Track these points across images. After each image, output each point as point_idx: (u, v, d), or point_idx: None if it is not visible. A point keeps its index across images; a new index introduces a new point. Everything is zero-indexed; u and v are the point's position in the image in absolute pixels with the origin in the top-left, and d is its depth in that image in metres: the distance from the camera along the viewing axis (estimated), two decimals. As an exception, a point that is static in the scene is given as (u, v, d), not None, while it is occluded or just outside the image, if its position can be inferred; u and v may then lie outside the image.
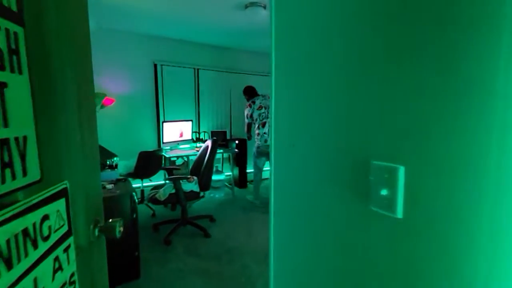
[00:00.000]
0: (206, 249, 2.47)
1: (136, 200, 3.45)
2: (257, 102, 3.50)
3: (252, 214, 3.29)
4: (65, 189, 0.51)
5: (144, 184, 3.70)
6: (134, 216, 1.95)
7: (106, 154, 2.84)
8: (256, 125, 3.50)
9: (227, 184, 4.29)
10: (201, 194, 2.78)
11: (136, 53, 3.66)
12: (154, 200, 2.55)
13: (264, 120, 3.46)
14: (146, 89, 3.79)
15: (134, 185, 3.75)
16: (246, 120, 3.59)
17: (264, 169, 3.71)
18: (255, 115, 3.47)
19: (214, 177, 3.78)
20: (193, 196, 2.69)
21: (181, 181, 2.56)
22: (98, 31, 3.36)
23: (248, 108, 3.51)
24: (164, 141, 3.64)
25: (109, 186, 2.01)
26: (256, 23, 3.18)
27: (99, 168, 0.69)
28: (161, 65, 3.81)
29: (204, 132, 4.24)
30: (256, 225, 2.97)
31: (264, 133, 3.47)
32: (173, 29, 3.48)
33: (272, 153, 0.98)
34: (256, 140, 3.56)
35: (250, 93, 3.66)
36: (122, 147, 3.58)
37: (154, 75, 3.81)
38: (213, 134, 4.23)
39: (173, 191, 2.57)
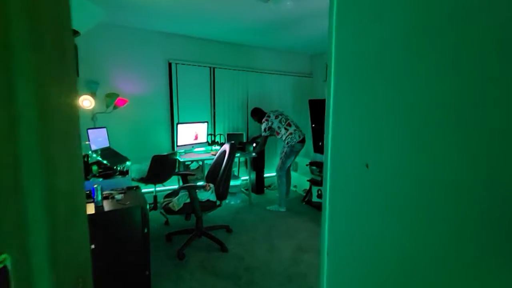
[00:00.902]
0: (222, 265, 2.23)
1: (148, 208, 3.27)
2: (271, 114, 3.53)
3: (271, 224, 3.03)
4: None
5: (157, 189, 3.51)
6: (146, 230, 1.73)
7: (118, 158, 2.67)
8: (282, 128, 3.46)
9: (243, 190, 4.05)
10: (218, 203, 2.55)
11: (150, 51, 3.48)
12: (167, 210, 2.34)
13: (288, 121, 3.49)
14: (160, 89, 3.61)
15: (147, 190, 3.60)
16: (264, 134, 3.55)
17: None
18: (275, 126, 3.47)
19: (231, 182, 3.55)
20: (210, 205, 2.46)
21: (197, 190, 2.34)
22: (110, 28, 3.20)
23: (266, 122, 3.48)
24: (178, 144, 3.44)
25: (118, 196, 1.80)
26: (279, 17, 2.92)
27: (85, 210, 0.45)
28: (176, 63, 3.62)
29: (220, 134, 4.02)
30: (277, 238, 2.70)
31: (295, 130, 3.45)
32: (189, 26, 3.28)
33: (328, 174, 0.72)
34: (286, 140, 3.44)
35: (260, 112, 3.70)
36: (134, 150, 3.41)
37: (169, 74, 3.62)
38: (229, 136, 4.01)
39: (188, 200, 2.35)
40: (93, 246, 1.44)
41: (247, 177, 4.11)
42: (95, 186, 1.65)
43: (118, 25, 3.24)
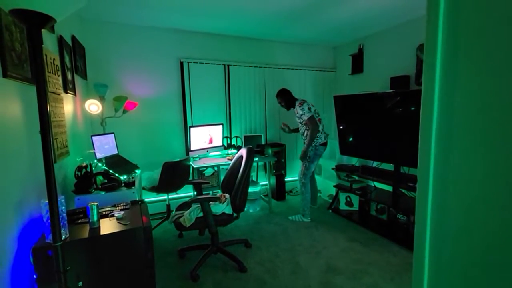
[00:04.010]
0: (241, 290, 1.93)
1: (161, 219, 3.03)
2: (307, 101, 3.10)
3: (295, 237, 2.70)
4: None
5: (171, 197, 3.29)
6: (150, 256, 1.47)
7: (126, 166, 2.45)
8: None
9: (262, 196, 3.75)
10: (235, 215, 2.26)
11: (160, 50, 3.26)
12: (178, 225, 2.08)
13: (319, 117, 3.09)
14: (172, 90, 3.39)
15: (159, 198, 3.39)
16: (309, 114, 2.92)
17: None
18: (312, 109, 3.02)
19: (249, 189, 3.26)
20: (225, 219, 2.17)
21: (210, 202, 2.06)
22: (118, 28, 3.01)
23: (305, 103, 3.01)
24: (192, 148, 3.20)
25: (119, 215, 1.56)
26: (298, 3, 2.58)
27: None
28: (188, 62, 3.38)
29: (236, 137, 3.74)
30: (302, 255, 2.37)
31: (322, 129, 3.08)
32: (200, 20, 3.01)
33: (430, 186, 0.41)
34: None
35: (289, 94, 3.19)
36: (145, 156, 3.22)
37: (181, 73, 3.39)
38: (246, 139, 3.72)
39: (201, 214, 2.08)
40: (80, 284, 1.19)
41: (266, 182, 3.81)
42: (90, 204, 1.41)
43: (126, 24, 3.05)
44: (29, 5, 0.88)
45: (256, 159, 3.32)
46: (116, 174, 2.14)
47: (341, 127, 3.37)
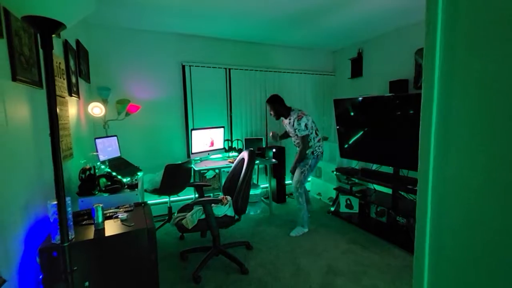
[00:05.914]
0: (243, 292, 1.94)
1: (163, 221, 3.04)
2: (305, 112, 2.90)
3: (295, 240, 2.72)
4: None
5: (172, 199, 3.30)
6: (153, 257, 1.48)
7: (128, 169, 2.47)
8: (314, 132, 2.89)
9: (263, 199, 3.76)
10: (236, 217, 2.27)
11: (162, 53, 3.30)
12: (180, 227, 2.10)
13: (316, 127, 3.00)
14: (174, 93, 3.42)
15: (161, 200, 3.41)
16: (304, 133, 2.78)
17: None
18: (309, 125, 2.83)
19: (250, 191, 3.28)
20: (227, 221, 2.19)
21: (212, 204, 2.08)
22: (121, 32, 3.05)
23: (304, 117, 2.79)
24: (193, 151, 3.23)
25: (123, 216, 1.58)
26: (299, 8, 2.62)
27: None
28: (189, 65, 3.42)
29: (237, 140, 3.76)
30: (302, 257, 2.38)
31: (320, 139, 2.98)
32: (202, 24, 3.06)
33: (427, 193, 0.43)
34: (313, 148, 2.87)
35: (283, 104, 2.93)
36: (148, 159, 3.23)
37: (182, 77, 3.43)
38: (247, 142, 3.74)
39: (203, 216, 2.09)
40: (87, 284, 1.21)
41: (267, 185, 3.83)
42: (95, 206, 1.43)
43: (129, 28, 3.09)
44: (40, 12, 0.91)
45: (257, 161, 3.34)
46: (119, 177, 2.16)
47: (341, 130, 3.40)
